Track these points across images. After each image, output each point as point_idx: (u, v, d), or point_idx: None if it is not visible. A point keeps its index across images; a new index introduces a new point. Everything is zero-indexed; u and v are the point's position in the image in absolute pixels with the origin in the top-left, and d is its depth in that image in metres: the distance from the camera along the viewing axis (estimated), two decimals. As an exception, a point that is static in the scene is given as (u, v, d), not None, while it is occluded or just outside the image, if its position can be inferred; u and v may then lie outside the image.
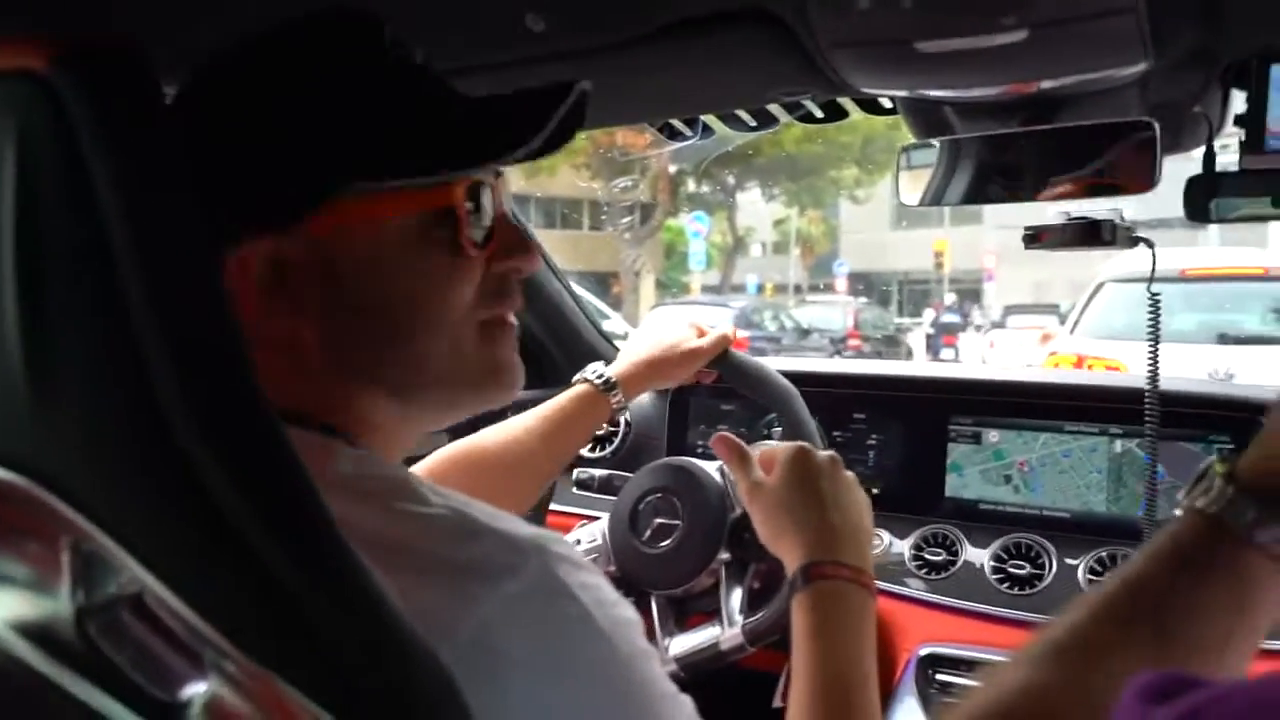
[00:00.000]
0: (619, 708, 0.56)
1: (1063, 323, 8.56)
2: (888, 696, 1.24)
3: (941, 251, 20.83)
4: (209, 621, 0.47)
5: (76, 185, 0.46)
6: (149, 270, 0.47)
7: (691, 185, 19.28)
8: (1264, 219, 1.07)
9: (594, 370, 1.22)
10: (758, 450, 0.96)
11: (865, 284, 24.40)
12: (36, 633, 0.51)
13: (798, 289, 24.73)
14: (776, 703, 1.30)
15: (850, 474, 0.91)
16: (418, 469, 1.06)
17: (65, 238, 0.47)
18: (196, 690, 0.49)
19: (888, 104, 1.14)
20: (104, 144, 0.46)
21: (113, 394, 0.47)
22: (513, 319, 0.69)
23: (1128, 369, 5.84)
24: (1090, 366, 6.42)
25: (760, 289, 24.52)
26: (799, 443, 0.91)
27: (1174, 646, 0.52)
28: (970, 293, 22.26)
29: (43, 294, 0.47)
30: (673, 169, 16.48)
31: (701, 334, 1.28)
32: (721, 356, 1.26)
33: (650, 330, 1.34)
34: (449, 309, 0.63)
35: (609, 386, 1.20)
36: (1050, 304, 14.97)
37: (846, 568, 0.80)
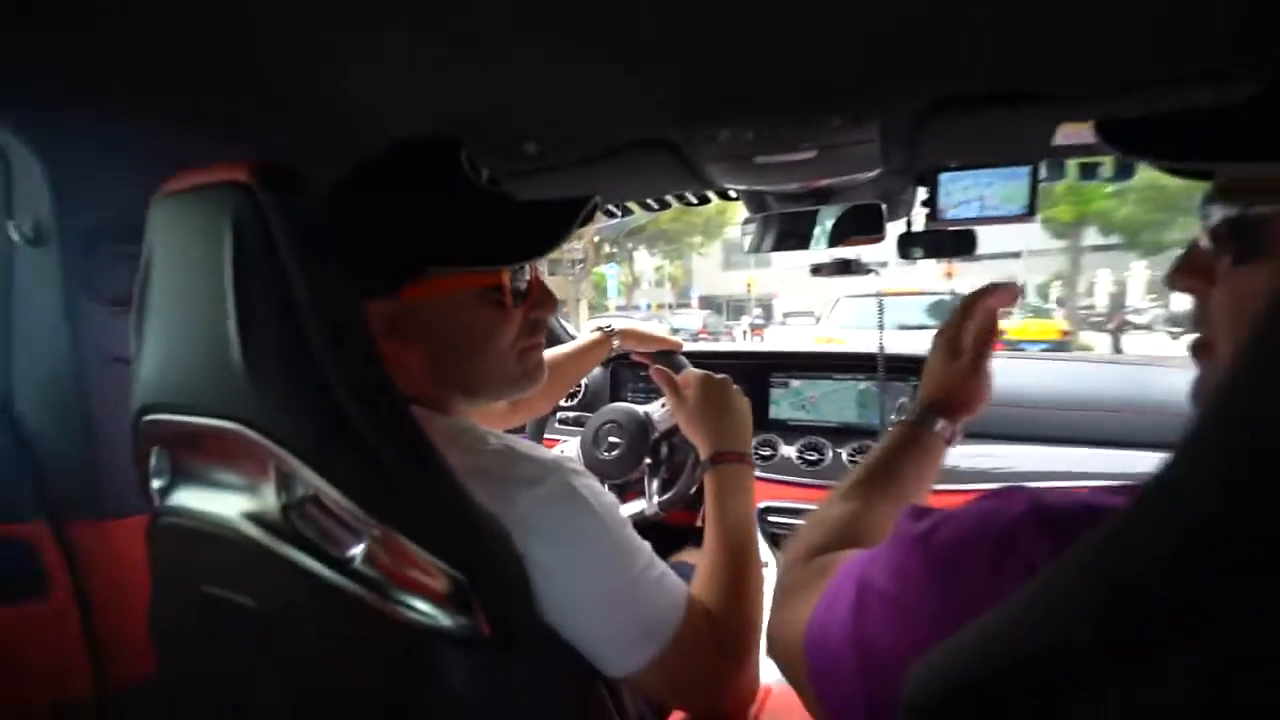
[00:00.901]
0: (613, 553, 0.54)
1: (818, 322, 8.82)
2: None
3: (751, 283, 21.22)
4: (360, 507, 0.47)
5: (269, 256, 0.46)
6: (318, 310, 0.46)
7: (608, 248, 19.28)
8: (938, 257, 1.09)
9: (606, 324, 1.18)
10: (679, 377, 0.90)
11: (708, 303, 24.61)
12: (259, 519, 0.50)
13: (670, 306, 24.91)
14: (699, 523, 1.31)
15: (736, 386, 0.85)
16: None
17: (265, 289, 0.46)
18: (358, 548, 0.48)
19: (734, 194, 1.14)
20: (287, 231, 0.46)
21: (298, 379, 0.46)
22: (541, 340, 0.66)
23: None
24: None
25: (649, 307, 24.60)
26: (704, 371, 0.87)
27: (902, 486, 0.58)
28: (766, 306, 22.73)
29: (252, 323, 0.46)
30: (596, 238, 16.56)
31: (673, 334, 1.26)
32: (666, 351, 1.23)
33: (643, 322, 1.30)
34: (498, 345, 0.60)
35: (613, 333, 1.15)
36: (809, 310, 15.34)
37: (737, 454, 0.78)
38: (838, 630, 0.39)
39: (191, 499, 0.54)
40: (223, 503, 0.52)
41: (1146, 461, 1.18)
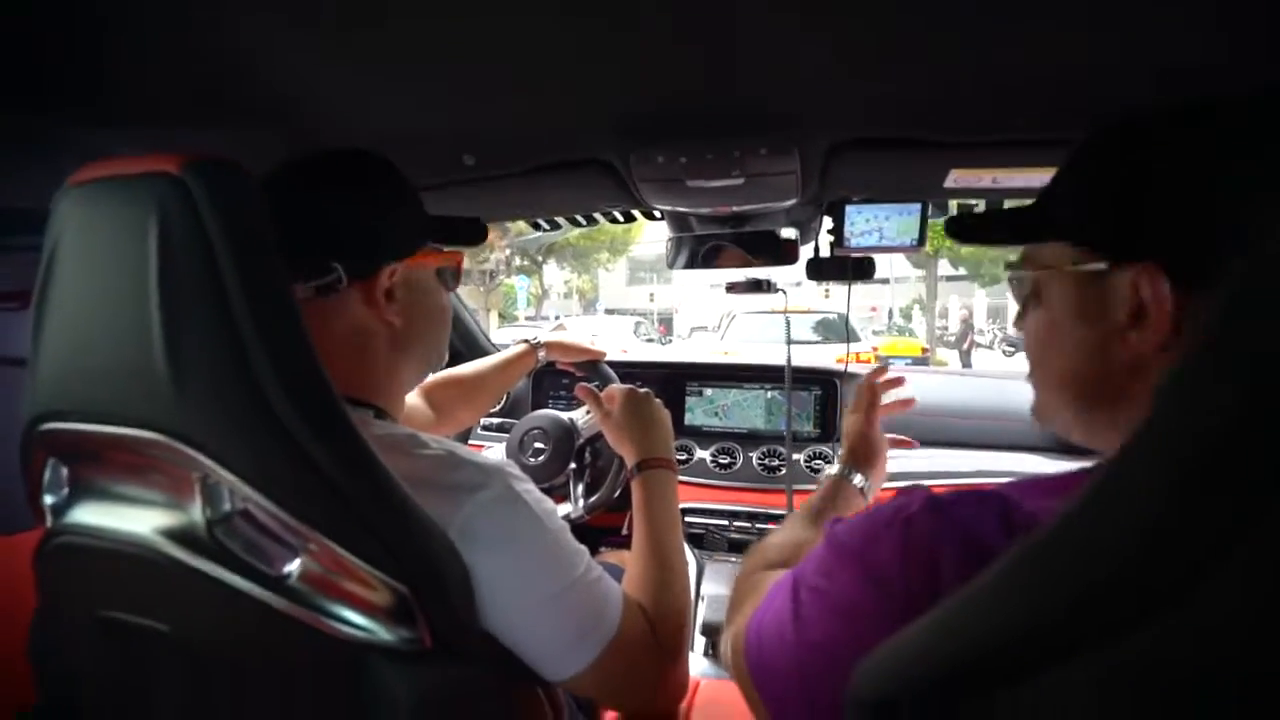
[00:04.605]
0: (557, 557, 0.53)
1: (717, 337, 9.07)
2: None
3: (654, 294, 21.60)
4: (297, 518, 0.43)
5: (200, 245, 0.41)
6: (251, 300, 0.41)
7: (518, 260, 18.95)
8: (842, 280, 1.16)
9: (532, 336, 1.15)
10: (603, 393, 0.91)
11: (614, 315, 24.74)
12: (179, 536, 0.44)
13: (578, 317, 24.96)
14: (624, 531, 1.30)
15: (657, 400, 0.87)
16: (419, 389, 1.00)
17: (193, 279, 0.41)
18: (293, 565, 0.44)
19: (658, 214, 1.14)
20: (219, 219, 0.41)
21: (228, 380, 0.41)
22: None
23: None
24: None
25: (558, 318, 24.36)
26: (628, 385, 0.88)
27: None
28: (667, 320, 23.09)
29: (179, 324, 0.41)
30: (507, 251, 16.34)
31: (592, 342, 1.25)
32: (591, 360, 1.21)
33: (568, 331, 1.29)
34: (449, 318, 0.66)
35: (538, 346, 1.14)
36: (708, 326, 15.79)
37: (662, 460, 0.79)
38: (774, 628, 0.40)
39: (93, 515, 0.47)
40: (133, 519, 0.45)
41: (1007, 461, 1.31)
